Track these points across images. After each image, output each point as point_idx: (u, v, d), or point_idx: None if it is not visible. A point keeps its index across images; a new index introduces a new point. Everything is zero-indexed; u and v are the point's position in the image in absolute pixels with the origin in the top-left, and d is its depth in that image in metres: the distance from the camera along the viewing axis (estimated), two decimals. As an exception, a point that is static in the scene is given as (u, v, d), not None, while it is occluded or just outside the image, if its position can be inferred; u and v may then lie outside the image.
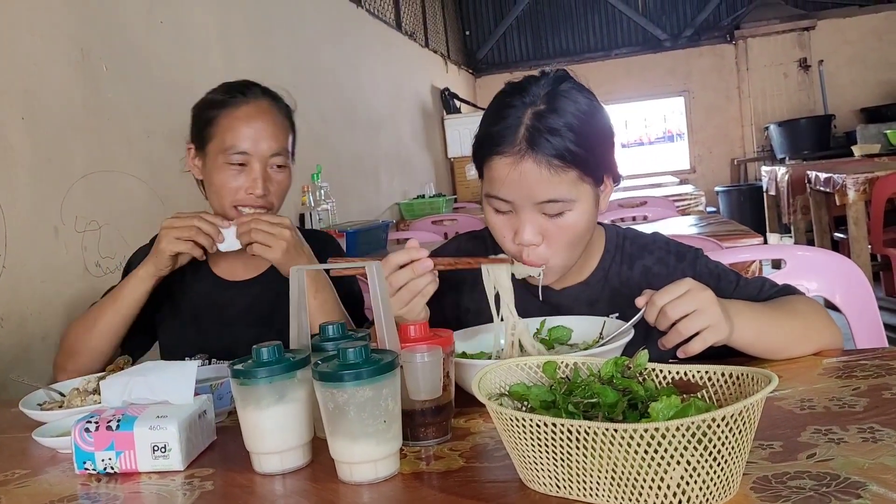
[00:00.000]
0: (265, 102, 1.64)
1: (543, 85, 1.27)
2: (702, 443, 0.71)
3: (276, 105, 1.66)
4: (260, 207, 1.61)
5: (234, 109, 1.61)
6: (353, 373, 0.91)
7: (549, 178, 1.22)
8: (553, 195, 1.24)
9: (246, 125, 1.59)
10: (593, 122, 1.27)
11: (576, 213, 1.27)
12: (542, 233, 1.28)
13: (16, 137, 2.10)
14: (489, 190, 1.30)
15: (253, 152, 1.59)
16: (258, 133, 1.59)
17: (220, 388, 1.25)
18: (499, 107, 1.29)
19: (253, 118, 1.60)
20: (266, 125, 1.61)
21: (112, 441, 1.03)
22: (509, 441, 0.84)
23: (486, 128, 1.30)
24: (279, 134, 1.62)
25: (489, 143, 1.28)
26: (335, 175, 4.50)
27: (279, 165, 1.63)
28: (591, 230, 1.34)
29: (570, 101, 1.25)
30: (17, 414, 1.31)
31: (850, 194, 4.52)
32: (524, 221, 1.27)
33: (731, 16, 9.53)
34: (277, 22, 4.14)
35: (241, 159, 1.59)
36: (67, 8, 2.39)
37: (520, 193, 1.25)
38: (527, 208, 1.26)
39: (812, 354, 1.26)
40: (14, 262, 2.04)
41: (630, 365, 0.92)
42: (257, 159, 1.59)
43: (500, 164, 1.25)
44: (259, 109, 1.62)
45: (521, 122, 1.24)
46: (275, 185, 1.63)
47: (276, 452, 0.99)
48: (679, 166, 10.02)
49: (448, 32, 9.28)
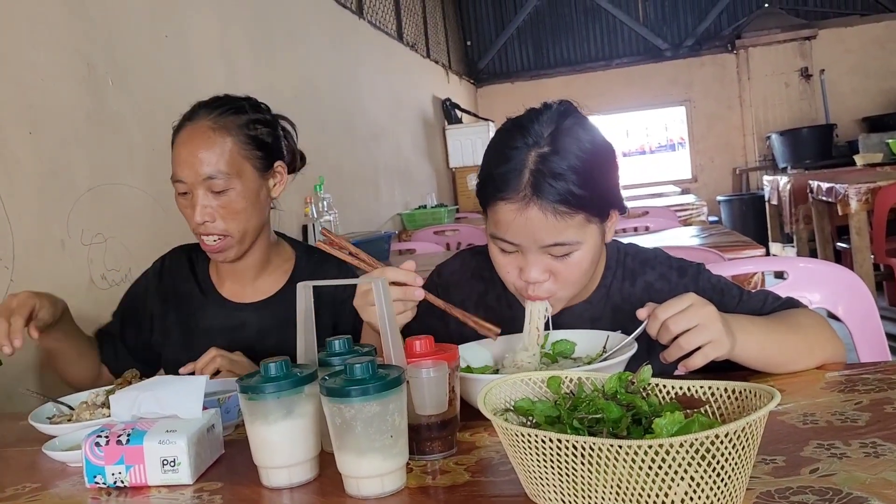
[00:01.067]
0: (203, 123, 1.55)
1: (546, 122, 1.26)
2: (705, 459, 0.72)
3: (218, 123, 1.55)
4: (213, 235, 1.55)
5: (178, 136, 1.57)
6: (360, 388, 0.92)
7: (556, 224, 1.22)
8: (559, 239, 1.24)
9: (180, 151, 1.54)
10: (597, 160, 1.26)
11: (582, 252, 1.27)
12: (549, 270, 1.28)
13: (23, 151, 2.12)
14: (494, 232, 1.29)
15: (188, 179, 1.53)
16: (189, 158, 1.52)
17: (228, 401, 1.26)
18: (502, 147, 1.28)
19: (185, 143, 1.54)
20: (196, 149, 1.52)
21: (122, 455, 1.05)
22: (515, 456, 0.85)
23: (490, 169, 1.28)
24: (211, 157, 1.52)
25: (493, 187, 1.26)
26: (337, 186, 4.52)
27: (217, 191, 1.53)
28: (596, 262, 1.35)
29: (574, 141, 1.23)
30: (27, 427, 1.32)
31: (853, 204, 4.52)
32: (530, 263, 1.27)
33: (732, 25, 9.55)
34: (280, 34, 4.17)
35: (182, 188, 1.55)
36: (73, 23, 2.41)
37: (526, 238, 1.25)
38: (533, 250, 1.26)
39: (814, 368, 1.27)
40: (21, 274, 2.05)
41: (634, 380, 0.94)
42: (194, 185, 1.53)
43: (506, 210, 1.24)
44: (192, 133, 1.54)
45: (524, 165, 1.22)
46: (220, 210, 1.54)
47: (283, 467, 1.00)
48: (680, 175, 10.04)
49: (449, 43, 9.32)
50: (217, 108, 1.57)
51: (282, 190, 1.66)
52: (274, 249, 1.71)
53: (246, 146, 1.56)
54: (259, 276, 1.68)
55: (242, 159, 1.56)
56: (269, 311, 1.66)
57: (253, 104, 1.64)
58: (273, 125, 1.65)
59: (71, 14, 2.40)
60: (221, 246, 1.56)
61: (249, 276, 1.68)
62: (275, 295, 1.68)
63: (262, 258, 1.68)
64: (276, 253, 1.71)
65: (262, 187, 1.60)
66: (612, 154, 1.31)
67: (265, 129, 1.61)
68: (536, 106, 1.32)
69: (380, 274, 1.20)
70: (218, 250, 1.57)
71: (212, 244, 1.56)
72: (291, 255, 1.73)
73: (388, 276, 1.18)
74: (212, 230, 1.54)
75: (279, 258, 1.72)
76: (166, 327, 1.71)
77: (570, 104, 1.31)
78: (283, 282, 1.69)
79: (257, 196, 1.59)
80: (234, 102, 1.61)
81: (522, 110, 1.32)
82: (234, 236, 1.56)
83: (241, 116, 1.58)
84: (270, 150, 1.62)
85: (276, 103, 1.72)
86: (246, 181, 1.56)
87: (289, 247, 1.75)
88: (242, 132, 1.57)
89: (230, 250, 1.58)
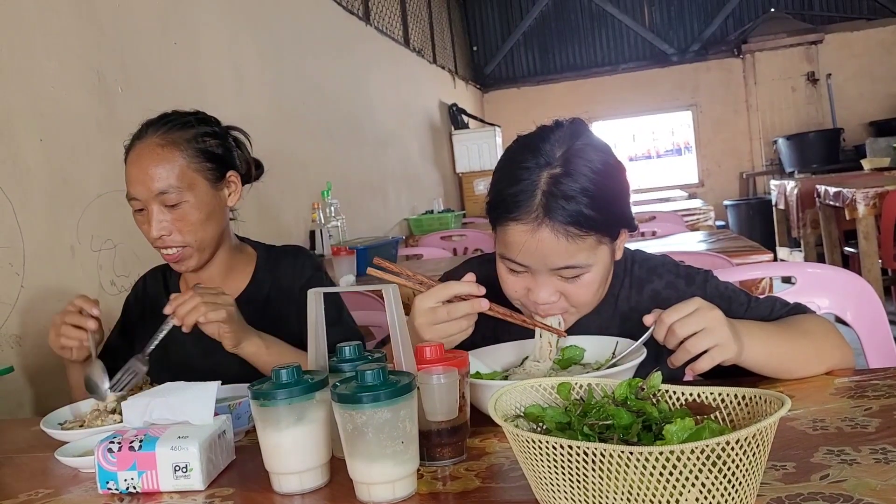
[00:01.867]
0: (150, 140, 1.57)
1: (557, 142, 1.25)
2: (716, 465, 0.72)
3: (166, 139, 1.57)
4: (172, 247, 1.58)
5: (129, 155, 1.59)
6: (372, 395, 0.92)
7: (567, 247, 1.22)
8: (571, 262, 1.24)
9: (131, 169, 1.57)
10: (609, 181, 1.25)
11: (593, 274, 1.28)
12: (559, 292, 1.28)
13: (33, 160, 2.13)
14: (504, 252, 1.29)
15: (141, 196, 1.56)
16: (140, 176, 1.55)
17: (239, 407, 1.27)
18: (513, 167, 1.27)
19: (135, 162, 1.57)
20: (144, 166, 1.55)
21: (134, 461, 1.05)
22: (525, 462, 0.85)
23: (501, 189, 1.27)
24: (160, 172, 1.54)
25: (504, 208, 1.25)
26: (344, 192, 4.53)
27: (170, 205, 1.56)
28: (607, 280, 1.35)
29: (586, 162, 1.22)
30: (39, 433, 1.33)
31: (860, 209, 4.52)
32: (540, 284, 1.27)
33: (738, 30, 9.55)
34: (287, 41, 4.19)
35: (137, 205, 1.58)
36: (83, 31, 2.43)
37: (536, 260, 1.24)
38: (543, 272, 1.26)
39: (824, 374, 1.27)
40: (32, 281, 2.07)
41: (644, 386, 0.94)
42: (148, 202, 1.56)
43: (516, 231, 1.24)
44: (140, 151, 1.57)
45: (536, 186, 1.22)
46: (176, 223, 1.57)
47: (295, 473, 1.01)
48: (687, 180, 10.04)
49: (456, 48, 9.34)
50: (164, 125, 1.60)
51: (237, 199, 1.69)
52: (237, 254, 1.75)
53: (195, 159, 1.59)
54: (224, 281, 1.71)
55: (193, 172, 1.58)
56: None
57: (201, 118, 1.66)
58: (223, 137, 1.68)
59: (80, 23, 2.42)
60: (181, 255, 1.61)
61: (215, 281, 1.70)
62: (238, 296, 1.69)
63: (225, 264, 1.72)
64: (239, 257, 1.75)
65: (215, 198, 1.63)
66: (623, 173, 1.31)
67: (214, 141, 1.64)
68: (546, 122, 1.31)
69: (444, 289, 1.22)
70: (178, 260, 1.62)
71: (171, 254, 1.61)
72: (253, 257, 1.78)
73: (454, 291, 1.21)
74: (169, 243, 1.59)
75: (242, 262, 1.76)
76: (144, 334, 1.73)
77: (581, 122, 1.31)
78: (247, 281, 1.74)
79: (212, 207, 1.62)
80: (182, 118, 1.63)
81: (529, 115, 1.32)
82: (193, 246, 1.60)
83: (189, 131, 1.61)
84: (222, 161, 1.65)
85: (284, 110, 1.74)
86: (199, 193, 1.59)
87: (251, 249, 1.79)
88: (191, 146, 1.59)
89: (190, 260, 1.62)
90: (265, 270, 1.74)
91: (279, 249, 1.79)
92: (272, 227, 3.66)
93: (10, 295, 2.00)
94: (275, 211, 3.73)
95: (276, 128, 3.83)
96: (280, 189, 3.78)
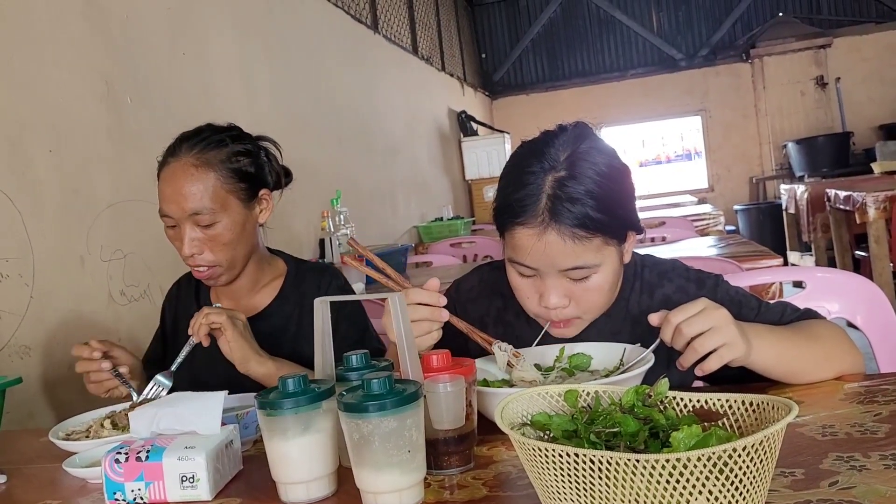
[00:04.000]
0: (185, 160, 1.58)
1: (561, 146, 1.26)
2: (723, 472, 0.72)
3: (200, 159, 1.58)
4: (203, 266, 1.60)
5: (163, 171, 1.60)
6: (378, 403, 0.92)
7: (574, 248, 1.23)
8: (577, 263, 1.25)
9: (166, 187, 1.58)
10: (614, 183, 1.26)
11: (601, 275, 1.28)
12: (569, 295, 1.29)
13: (43, 170, 2.14)
14: (512, 256, 1.31)
15: (174, 214, 1.57)
16: (174, 195, 1.56)
17: (246, 417, 1.26)
18: (518, 172, 1.28)
19: (169, 180, 1.57)
20: (179, 186, 1.56)
21: (141, 472, 1.05)
22: (532, 470, 0.85)
23: (507, 194, 1.28)
24: (195, 193, 1.55)
25: (510, 213, 1.27)
26: (354, 199, 4.54)
27: (204, 225, 1.57)
28: (617, 284, 1.36)
29: (590, 165, 1.24)
30: (47, 444, 1.33)
31: (871, 212, 4.50)
32: (549, 287, 1.28)
33: (746, 34, 9.53)
34: (296, 50, 4.20)
35: (170, 222, 1.59)
36: (92, 42, 2.44)
37: (544, 262, 1.26)
38: (551, 275, 1.27)
39: (833, 379, 1.26)
40: (41, 291, 2.08)
41: (651, 393, 0.93)
42: (181, 221, 1.57)
43: (523, 235, 1.25)
44: (175, 169, 1.57)
45: (541, 190, 1.23)
46: (208, 243, 1.59)
47: (302, 482, 1.01)
48: (697, 185, 10.01)
49: (464, 55, 9.35)
50: (199, 143, 1.60)
51: (269, 215, 1.71)
52: (266, 266, 1.76)
53: (229, 180, 1.60)
54: (252, 293, 1.74)
55: (227, 193, 1.59)
56: (261, 324, 1.68)
57: (235, 136, 1.66)
58: (255, 154, 1.68)
59: (90, 33, 2.43)
60: (210, 274, 1.62)
61: (244, 293, 1.73)
62: (266, 308, 1.72)
63: (254, 276, 1.73)
64: (268, 269, 1.76)
65: (248, 217, 1.64)
66: (629, 176, 1.32)
67: (247, 160, 1.64)
68: (551, 127, 1.32)
69: (410, 293, 1.22)
70: (207, 277, 1.64)
71: (202, 272, 1.62)
72: (283, 270, 1.78)
73: (411, 298, 1.20)
74: (200, 262, 1.60)
75: (271, 274, 1.77)
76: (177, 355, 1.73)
77: (586, 126, 1.32)
78: (274, 295, 1.74)
79: (243, 226, 1.63)
80: (217, 134, 1.63)
81: (537, 121, 1.33)
82: (223, 265, 1.62)
83: (223, 150, 1.61)
84: (255, 180, 1.65)
85: (293, 118, 1.74)
86: (231, 213, 1.60)
87: (281, 261, 1.80)
88: (225, 166, 1.60)
89: (220, 277, 1.64)
90: (292, 286, 1.75)
91: (307, 265, 1.80)
92: (283, 236, 3.67)
93: (20, 305, 2.01)
94: (286, 220, 3.74)
95: (285, 136, 3.80)
96: (291, 198, 3.76)
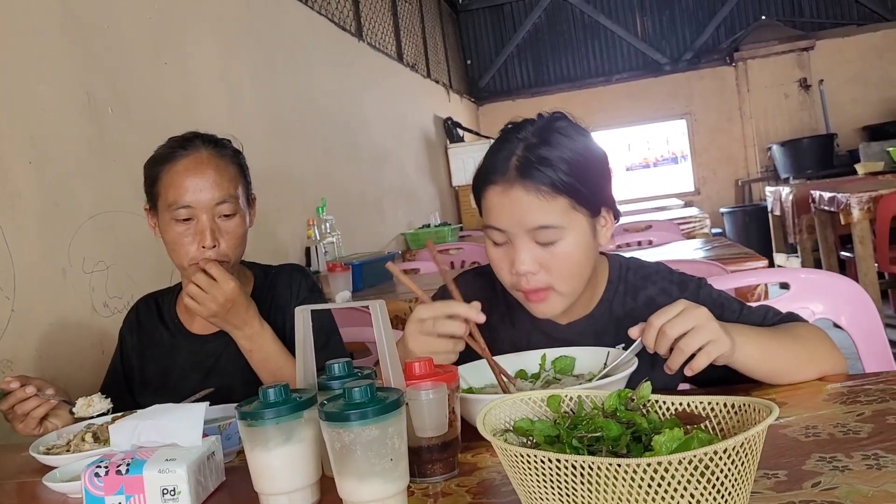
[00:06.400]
0: (206, 152, 1.59)
1: (538, 123, 1.33)
2: (705, 475, 0.72)
3: (220, 153, 1.61)
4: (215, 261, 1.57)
5: (175, 164, 1.58)
6: (359, 412, 0.91)
7: (539, 205, 1.26)
8: (543, 221, 1.27)
9: (186, 178, 1.56)
10: (586, 154, 1.31)
11: (569, 243, 1.29)
12: (539, 262, 1.30)
13: (24, 183, 2.13)
14: (486, 221, 1.34)
15: (196, 204, 1.55)
16: (199, 184, 1.55)
17: (229, 428, 1.25)
18: (495, 143, 1.35)
19: (192, 170, 1.56)
20: (207, 174, 1.56)
21: (122, 485, 1.04)
22: (515, 477, 0.84)
23: (483, 164, 1.35)
24: (223, 182, 1.57)
25: (483, 176, 1.33)
26: (340, 207, 4.53)
27: (227, 214, 1.58)
28: (590, 261, 1.35)
29: (563, 137, 1.30)
30: (28, 458, 1.32)
31: (855, 213, 4.52)
32: (519, 249, 1.30)
33: (729, 38, 9.59)
34: (280, 58, 4.19)
35: (186, 213, 1.56)
36: (73, 52, 2.43)
37: (511, 220, 1.28)
38: (520, 236, 1.29)
39: (816, 380, 1.26)
40: (22, 305, 2.06)
41: (633, 397, 0.93)
42: (202, 210, 1.55)
43: (493, 193, 1.30)
44: (198, 160, 1.58)
45: (513, 153, 1.29)
46: (225, 235, 1.58)
47: (284, 493, 1.00)
48: (683, 188, 10.05)
49: (449, 62, 9.36)
50: (212, 139, 1.63)
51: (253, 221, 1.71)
52: (242, 276, 1.74)
53: (241, 176, 1.64)
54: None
55: (241, 187, 1.63)
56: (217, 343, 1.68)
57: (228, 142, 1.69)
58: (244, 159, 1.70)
59: (69, 44, 2.42)
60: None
61: None
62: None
63: None
64: (243, 279, 1.74)
65: (247, 216, 1.66)
66: (603, 155, 1.36)
67: (245, 163, 1.68)
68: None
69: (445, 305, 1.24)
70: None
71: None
72: (251, 278, 1.77)
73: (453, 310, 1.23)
74: (215, 255, 1.57)
75: (244, 284, 1.74)
76: (145, 379, 1.72)
77: (564, 114, 1.37)
78: None
79: (246, 225, 1.65)
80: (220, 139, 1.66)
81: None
82: (231, 262, 1.60)
83: (229, 149, 1.65)
84: (249, 183, 1.69)
85: (278, 128, 1.74)
86: (242, 209, 1.63)
87: (248, 271, 1.78)
88: (236, 162, 1.64)
89: None
90: (264, 289, 1.74)
91: (277, 269, 1.78)
92: (268, 245, 3.66)
93: (1, 319, 1.99)
94: (271, 228, 3.72)
95: (270, 145, 3.83)
96: (276, 206, 3.78)
